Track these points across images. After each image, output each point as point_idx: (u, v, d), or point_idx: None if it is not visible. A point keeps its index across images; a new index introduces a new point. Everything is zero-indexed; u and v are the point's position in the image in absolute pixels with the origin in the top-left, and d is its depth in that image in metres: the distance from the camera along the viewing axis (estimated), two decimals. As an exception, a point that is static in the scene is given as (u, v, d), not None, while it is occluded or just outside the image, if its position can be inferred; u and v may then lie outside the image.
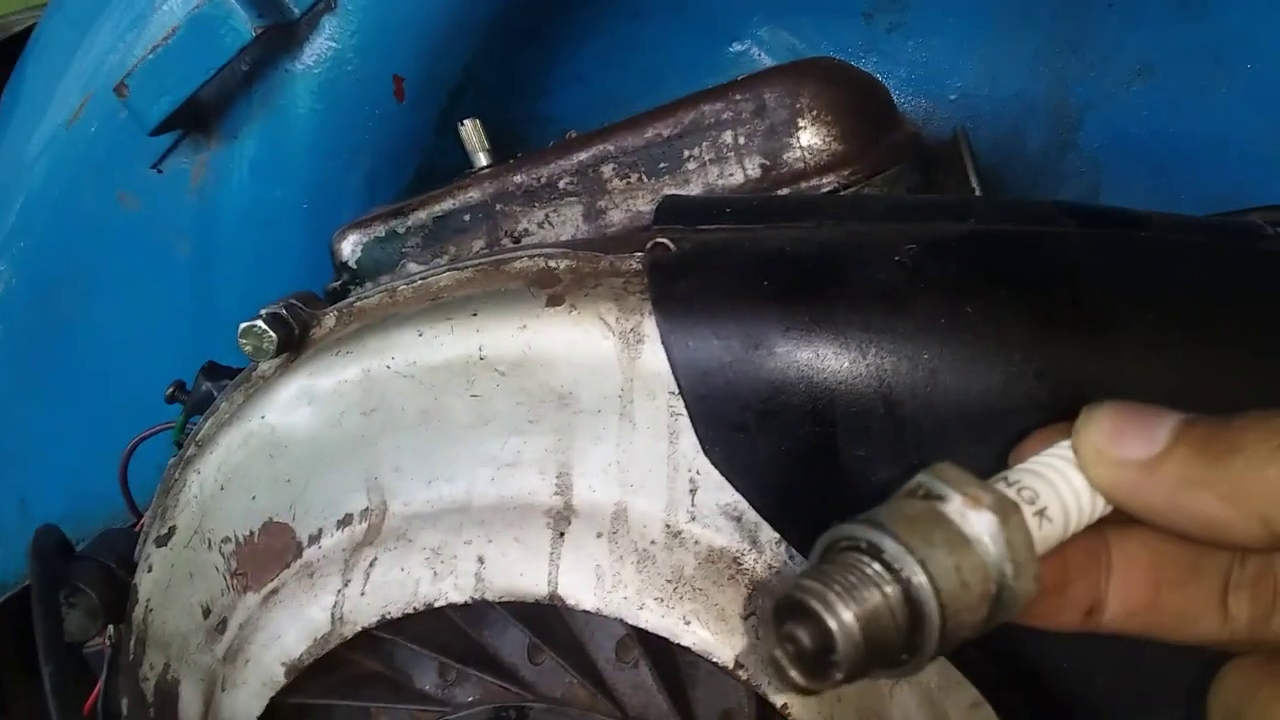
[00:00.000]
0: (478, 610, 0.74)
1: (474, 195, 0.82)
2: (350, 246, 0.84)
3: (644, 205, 0.81)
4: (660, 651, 0.70)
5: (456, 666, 0.73)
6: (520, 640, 0.73)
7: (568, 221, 0.82)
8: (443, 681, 0.75)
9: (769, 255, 0.66)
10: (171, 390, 0.89)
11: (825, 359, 0.63)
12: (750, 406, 0.64)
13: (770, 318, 0.64)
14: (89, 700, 1.07)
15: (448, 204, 0.83)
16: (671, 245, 0.68)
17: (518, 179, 0.82)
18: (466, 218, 0.83)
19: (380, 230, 0.84)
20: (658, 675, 0.70)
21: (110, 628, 0.91)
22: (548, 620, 0.72)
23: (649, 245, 0.68)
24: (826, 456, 0.64)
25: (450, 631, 0.74)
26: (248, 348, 0.73)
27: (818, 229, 0.68)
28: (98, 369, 1.03)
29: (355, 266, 0.84)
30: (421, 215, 0.83)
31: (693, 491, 0.67)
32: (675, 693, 0.70)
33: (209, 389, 0.85)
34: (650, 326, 0.66)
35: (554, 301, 0.68)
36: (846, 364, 0.63)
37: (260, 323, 0.72)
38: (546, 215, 0.82)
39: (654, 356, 0.66)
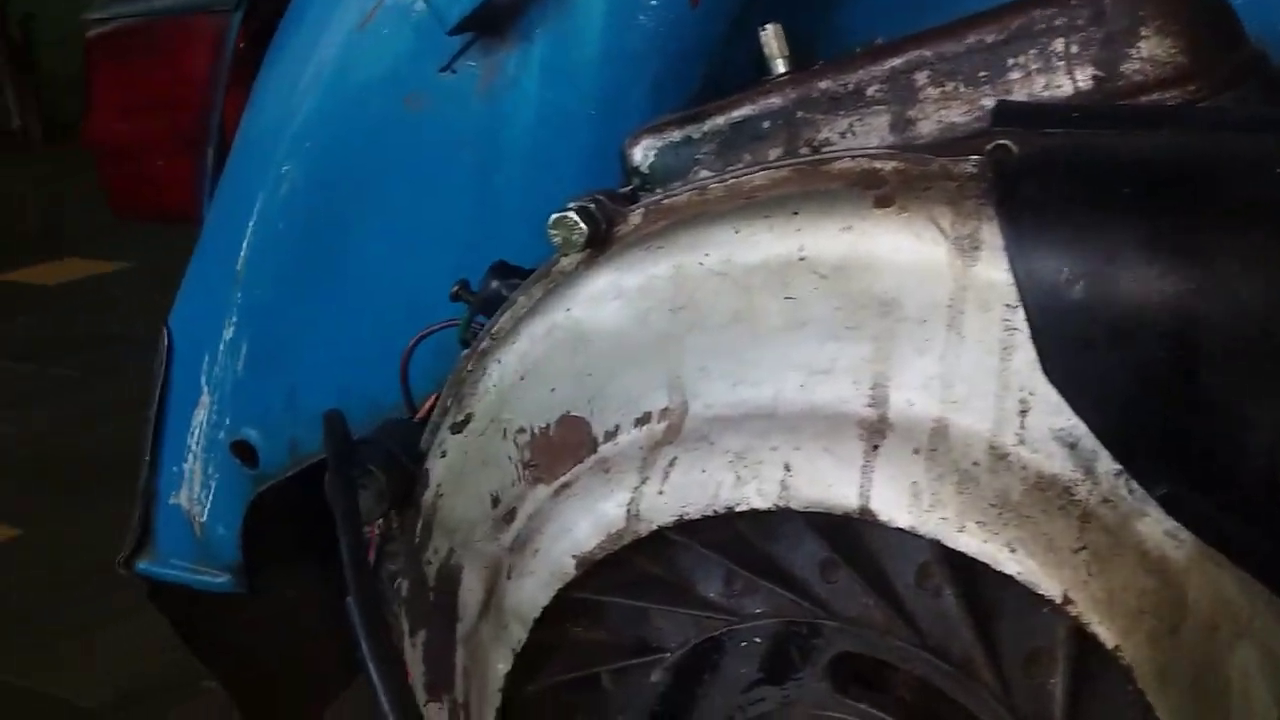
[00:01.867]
0: (768, 524, 0.72)
1: (775, 101, 0.80)
2: (642, 151, 0.83)
3: (958, 117, 0.77)
4: (965, 581, 0.67)
5: (746, 576, 0.72)
6: (813, 557, 0.71)
7: (873, 131, 0.78)
8: (729, 590, 0.74)
9: (1128, 161, 0.61)
10: (456, 289, 0.91)
11: (1194, 277, 0.58)
12: (1101, 323, 0.59)
13: (1131, 229, 0.59)
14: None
15: (747, 109, 0.80)
16: (1015, 148, 0.63)
17: (823, 84, 0.79)
18: (765, 124, 0.80)
19: (675, 135, 0.82)
20: (965, 604, 0.66)
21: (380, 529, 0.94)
22: (843, 540, 0.70)
23: (989, 147, 0.64)
24: (1185, 384, 0.59)
25: (738, 542, 0.73)
26: (557, 239, 0.73)
27: (1180, 137, 0.63)
28: (374, 269, 1.06)
29: (647, 172, 0.83)
30: (719, 120, 0.81)
31: (1023, 413, 0.63)
32: (981, 625, 0.67)
33: (498, 287, 0.86)
34: (989, 233, 0.62)
35: (882, 203, 0.65)
36: (1219, 284, 0.57)
37: (572, 214, 0.72)
38: (850, 124, 0.79)
39: (990, 265, 0.62)
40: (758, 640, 0.71)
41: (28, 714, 1.97)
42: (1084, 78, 0.75)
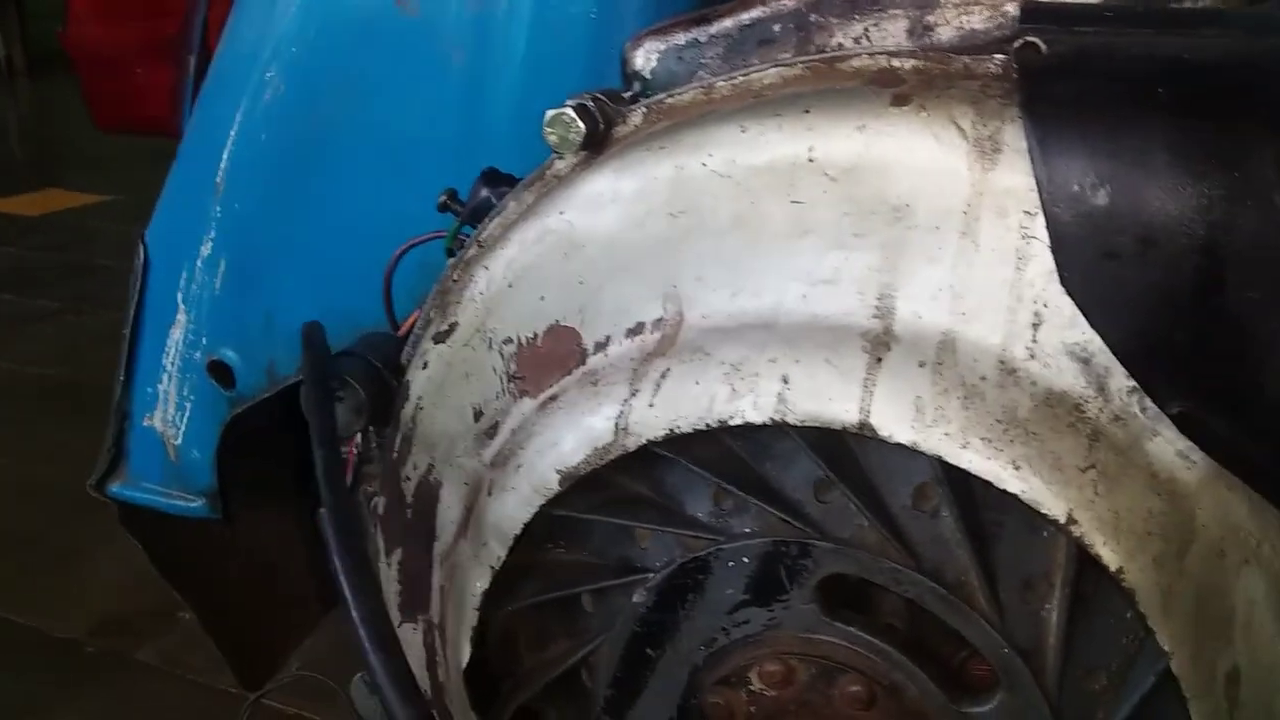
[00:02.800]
0: (760, 442, 0.69)
1: (787, 3, 0.76)
2: (644, 55, 0.79)
3: (979, 24, 0.72)
4: (964, 504, 0.64)
5: (736, 495, 0.69)
6: (806, 477, 0.68)
7: (889, 37, 0.74)
8: (717, 510, 0.71)
9: (1165, 63, 0.58)
10: (444, 199, 0.87)
11: (1227, 184, 0.55)
12: (1126, 232, 0.56)
13: (1165, 132, 0.56)
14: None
15: (757, 11, 0.76)
16: (1043, 46, 0.60)
17: (837, -12, 0.75)
18: (776, 28, 0.76)
19: (680, 38, 0.78)
20: (962, 527, 0.64)
21: (358, 437, 0.91)
22: (837, 460, 0.67)
23: (1017, 44, 0.60)
24: (1210, 298, 0.56)
25: (729, 460, 0.70)
26: (553, 137, 0.69)
27: (1218, 39, 0.59)
28: (359, 181, 1.02)
29: (649, 77, 0.79)
30: (727, 23, 0.77)
31: (1035, 325, 0.60)
32: (978, 549, 0.64)
33: (488, 195, 0.82)
34: (1011, 135, 0.59)
35: (900, 101, 0.61)
36: (1255, 192, 0.54)
37: (569, 111, 0.68)
38: (865, 30, 0.75)
39: (1010, 169, 0.59)
40: (745, 561, 0.68)
41: (2, 642, 1.94)
42: (1114, -15, 0.71)
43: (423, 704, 0.63)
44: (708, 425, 0.65)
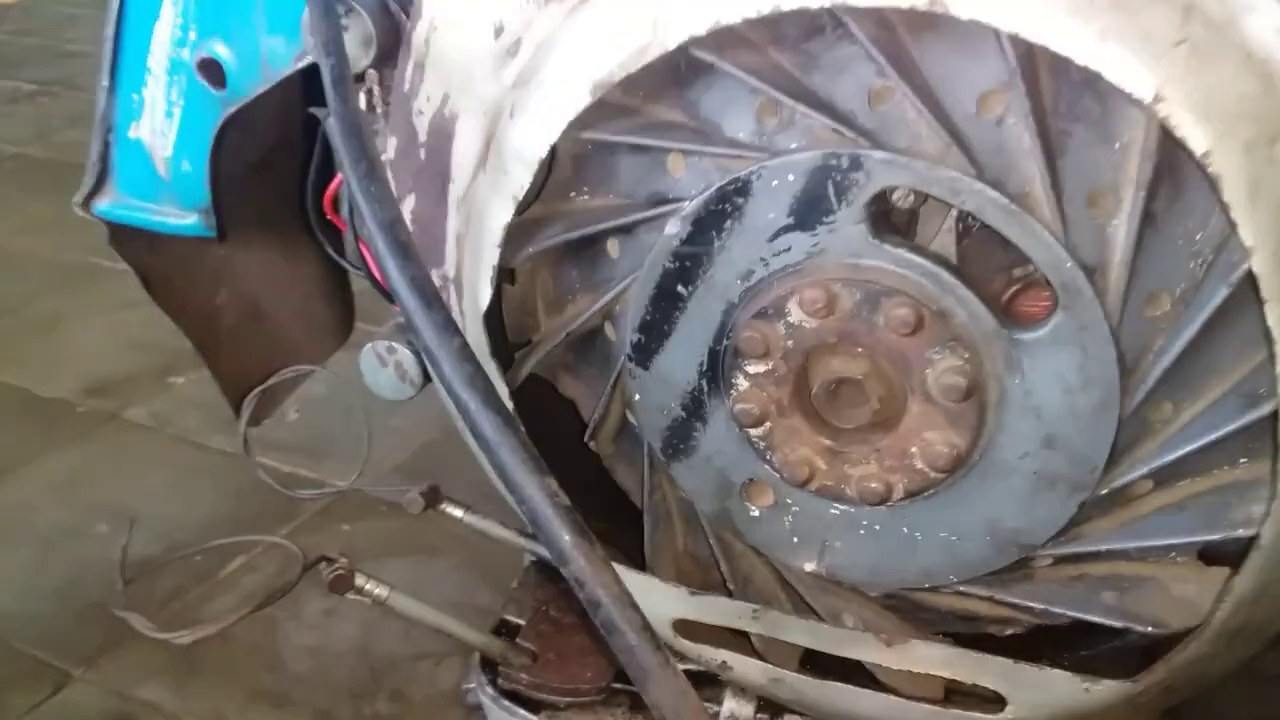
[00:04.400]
0: (809, 52, 0.63)
1: None
2: None
3: None
4: (1034, 109, 0.59)
5: (785, 103, 0.63)
6: (859, 86, 0.63)
7: None
8: (761, 129, 0.66)
9: None
10: None
11: None
12: None
13: None
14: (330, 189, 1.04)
15: None
16: None
17: None
18: None
19: None
20: (1033, 132, 0.59)
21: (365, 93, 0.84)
22: (897, 64, 0.61)
23: None
24: None
25: (775, 73, 0.64)
26: None
27: None
28: None
29: None
30: None
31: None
32: (1045, 158, 0.59)
33: None
34: None
35: None
36: None
37: None
38: None
39: None
40: (790, 179, 0.63)
41: (-11, 402, 1.91)
42: None
43: (442, 304, 0.58)
44: (758, 12, 0.58)
